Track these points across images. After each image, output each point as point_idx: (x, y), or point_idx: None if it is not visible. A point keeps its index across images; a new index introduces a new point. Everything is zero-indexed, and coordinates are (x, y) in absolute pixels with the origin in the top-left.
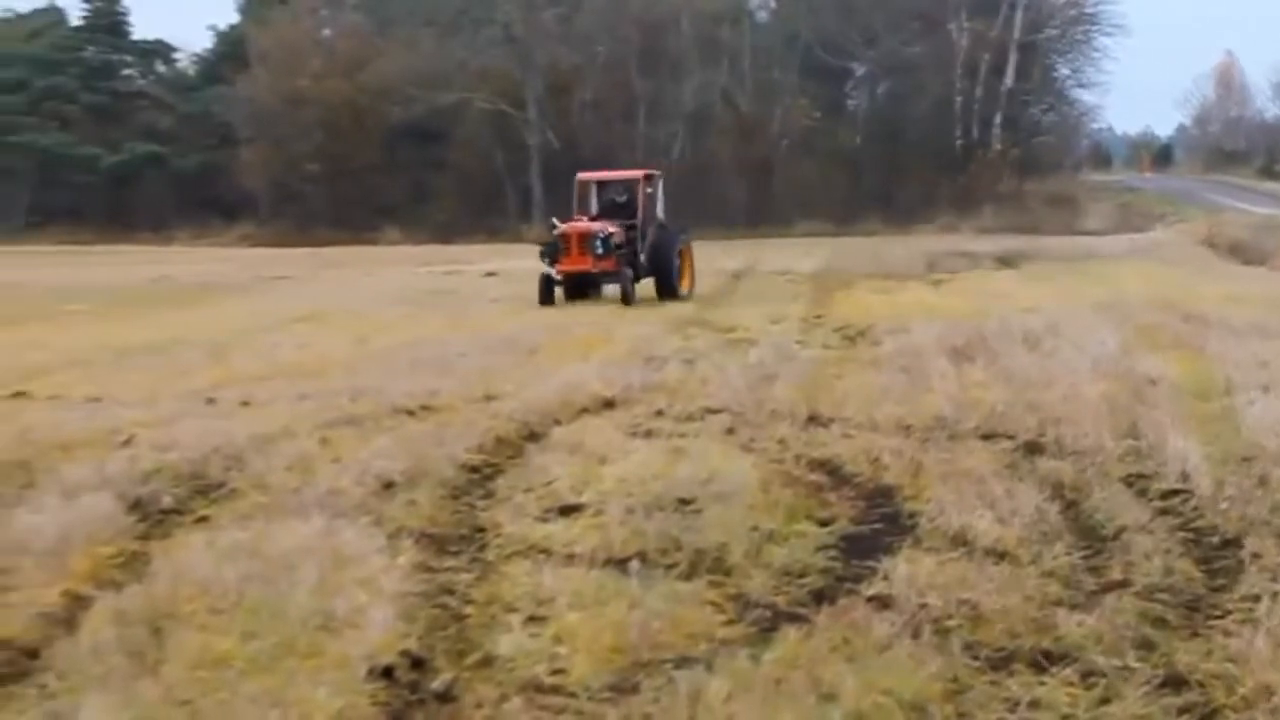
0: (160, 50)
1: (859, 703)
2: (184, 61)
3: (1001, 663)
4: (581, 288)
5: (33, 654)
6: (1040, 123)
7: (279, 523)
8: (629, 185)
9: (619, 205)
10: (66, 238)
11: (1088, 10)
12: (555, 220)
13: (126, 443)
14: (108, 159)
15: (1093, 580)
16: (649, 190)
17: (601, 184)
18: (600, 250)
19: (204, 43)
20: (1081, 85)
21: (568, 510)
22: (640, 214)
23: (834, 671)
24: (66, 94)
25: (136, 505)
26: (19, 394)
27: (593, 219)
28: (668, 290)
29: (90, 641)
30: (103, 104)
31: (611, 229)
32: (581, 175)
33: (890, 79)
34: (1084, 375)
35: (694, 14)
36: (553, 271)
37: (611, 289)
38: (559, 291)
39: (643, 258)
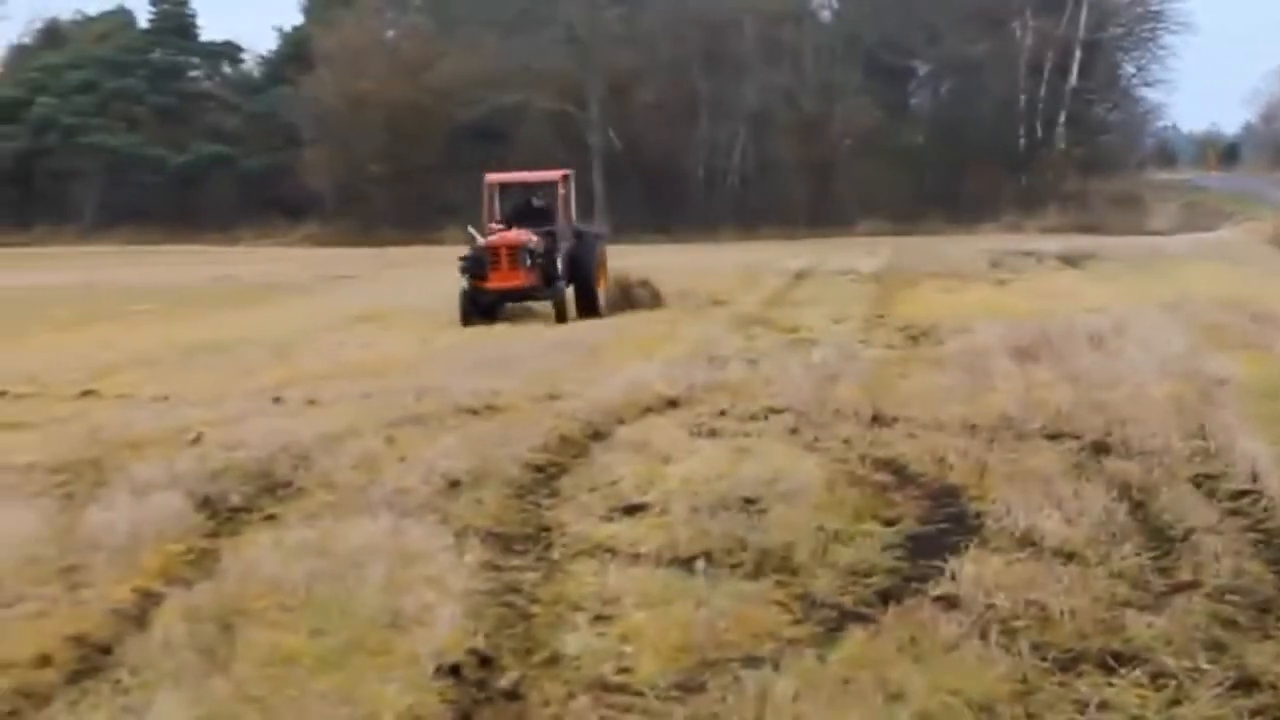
0: (227, 51)
1: (926, 703)
2: (250, 63)
3: (1070, 664)
4: (490, 308)
5: (106, 650)
6: (1105, 121)
7: (346, 521)
8: (546, 188)
9: (533, 210)
10: (133, 237)
11: (1153, 8)
12: (474, 230)
13: (195, 441)
14: (174, 159)
15: (1162, 581)
16: (563, 192)
17: (508, 186)
18: (528, 263)
19: (269, 44)
20: (1147, 83)
21: (633, 509)
22: (559, 219)
23: (901, 671)
24: (135, 95)
25: (205, 503)
26: (88, 393)
27: (508, 226)
28: (588, 306)
29: (162, 638)
30: (170, 105)
31: (534, 238)
32: (491, 177)
33: (953, 78)
34: (1151, 375)
35: (756, 14)
36: (468, 286)
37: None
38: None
39: (559, 268)
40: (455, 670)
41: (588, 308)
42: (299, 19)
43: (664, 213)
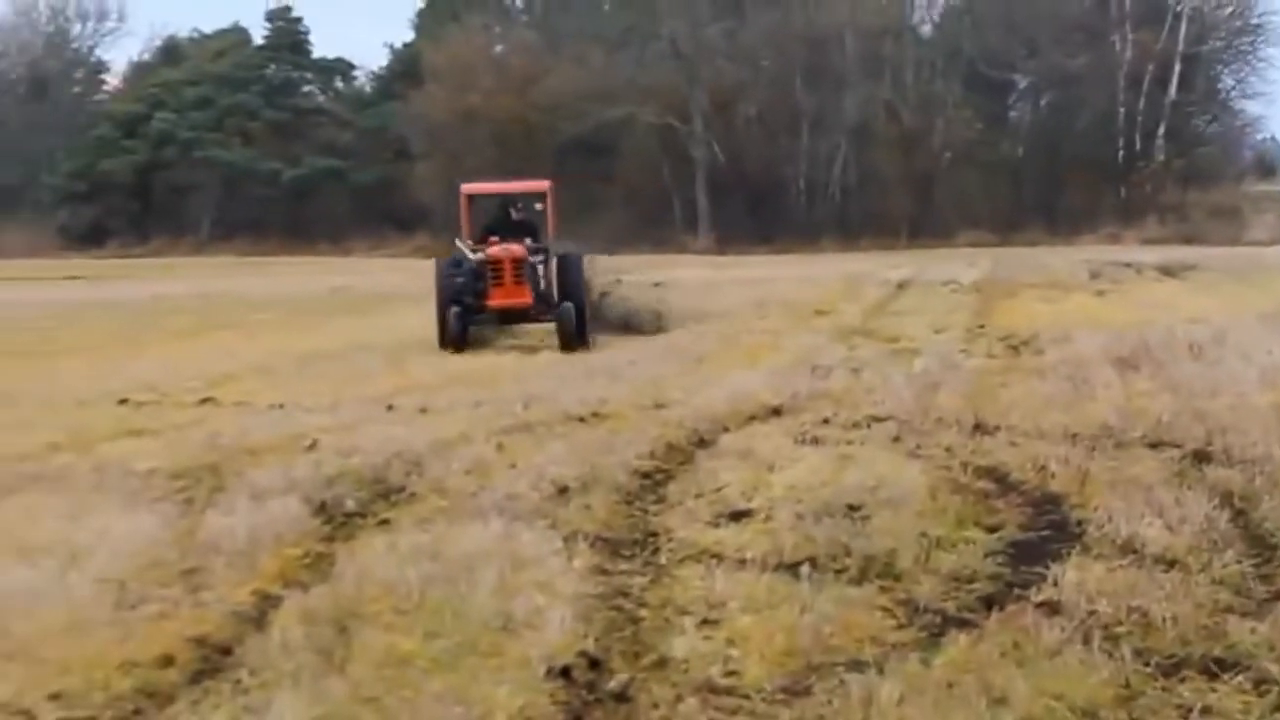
0: (339, 68)
1: (1030, 707)
2: (361, 78)
3: (1172, 669)
4: (465, 333)
5: (226, 651)
6: (1203, 133)
7: (458, 526)
8: (528, 200)
9: (512, 224)
10: (249, 249)
11: (1253, 21)
12: (464, 243)
13: (311, 448)
14: (288, 173)
15: (1263, 588)
16: (547, 205)
17: (485, 197)
18: (530, 279)
19: (380, 60)
20: (1246, 95)
21: (738, 515)
22: (549, 234)
23: (1004, 676)
24: (250, 111)
25: (321, 508)
26: (207, 400)
27: (497, 240)
28: (578, 333)
29: (280, 639)
30: (284, 120)
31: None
32: (468, 187)
33: (1053, 91)
34: (1251, 385)
35: (857, 28)
36: (460, 305)
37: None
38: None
39: (544, 286)
40: (566, 672)
41: (578, 337)
42: (409, 35)
43: (766, 224)
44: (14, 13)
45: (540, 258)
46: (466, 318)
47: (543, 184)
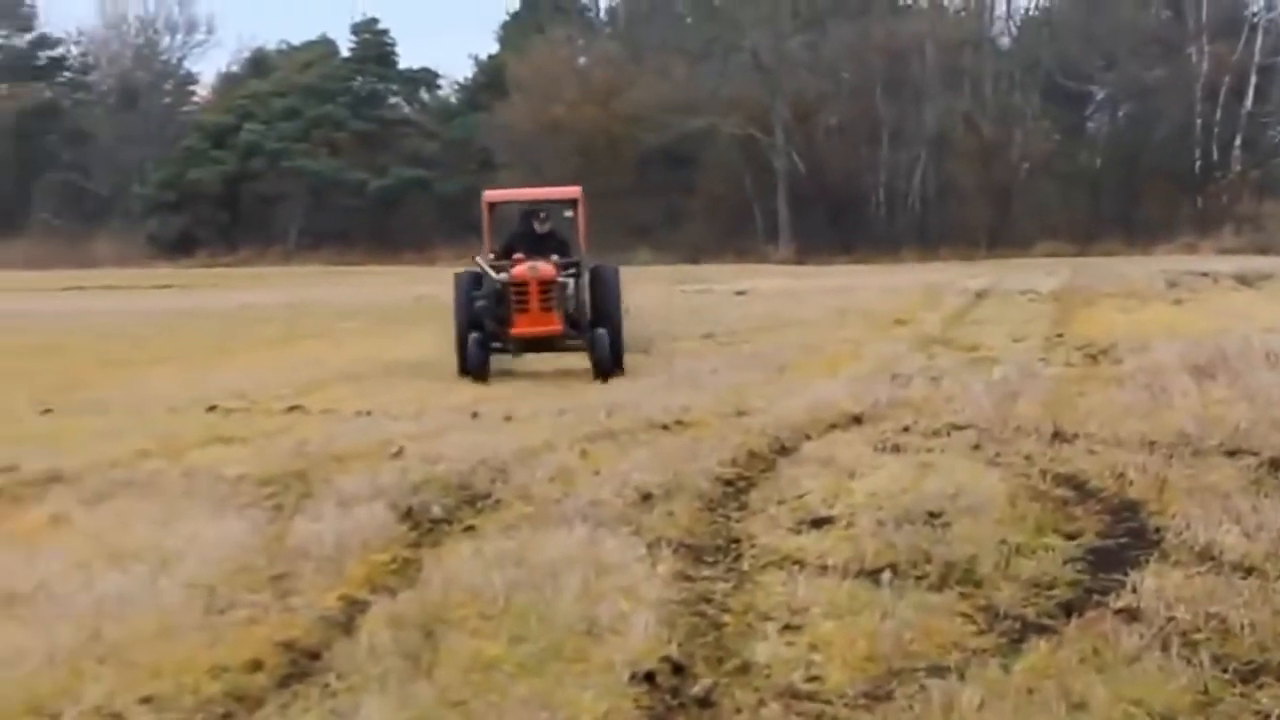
0: (424, 79)
1: (1109, 712)
2: (446, 89)
3: (1251, 675)
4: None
5: (314, 655)
6: (1279, 144)
7: (543, 532)
8: (560, 208)
9: (537, 237)
10: (335, 258)
11: None
12: (484, 260)
13: (397, 455)
14: (374, 183)
15: None
16: (578, 215)
17: (507, 205)
18: (559, 303)
19: (465, 71)
20: None
21: (819, 522)
22: (581, 247)
23: (1084, 682)
24: (336, 122)
25: (408, 514)
26: (295, 408)
27: (522, 258)
28: (613, 360)
29: (368, 644)
30: (370, 131)
31: (557, 270)
32: (491, 194)
33: (1130, 102)
34: None
35: (937, 40)
36: (481, 331)
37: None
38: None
39: (574, 308)
40: (650, 677)
41: (613, 362)
42: (494, 47)
43: (846, 234)
44: (104, 25)
45: (571, 274)
46: (486, 344)
47: (572, 190)
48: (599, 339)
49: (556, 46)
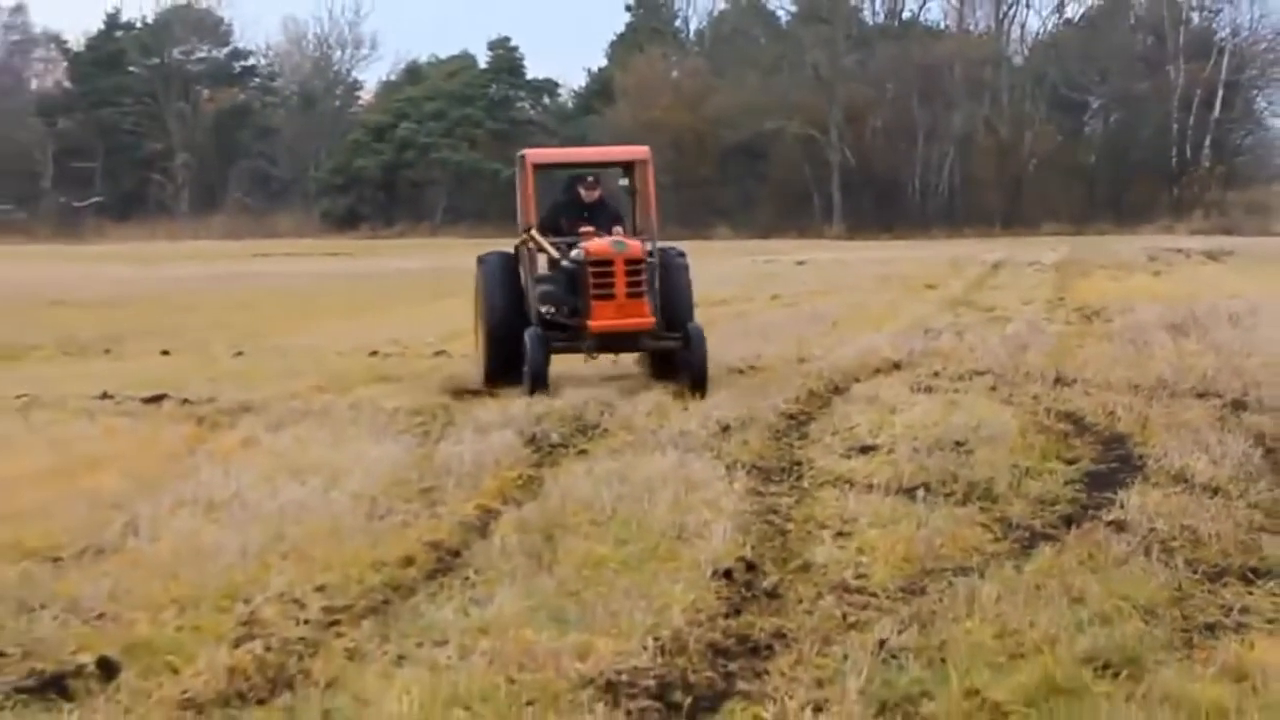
0: (547, 87)
1: (1102, 605)
2: (564, 96)
3: (1216, 576)
4: (508, 363)
5: (456, 554)
6: (1241, 145)
7: (642, 455)
8: (617, 174)
9: (584, 207)
10: (472, 233)
11: None
12: (535, 232)
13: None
14: (505, 172)
15: None
16: (623, 182)
17: (554, 169)
18: (650, 288)
19: (580, 81)
20: (1276, 114)
21: (866, 449)
22: (652, 223)
23: (1081, 580)
24: (474, 122)
25: (532, 440)
26: (440, 353)
27: (591, 231)
28: (698, 368)
29: (499, 545)
30: (502, 130)
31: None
32: (535, 154)
33: (1119, 110)
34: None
35: (963, 59)
36: (541, 323)
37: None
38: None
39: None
40: (728, 574)
41: (699, 374)
42: (604, 62)
43: (887, 216)
44: (288, 41)
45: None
46: (551, 341)
47: (638, 150)
48: (696, 335)
49: (654, 61)
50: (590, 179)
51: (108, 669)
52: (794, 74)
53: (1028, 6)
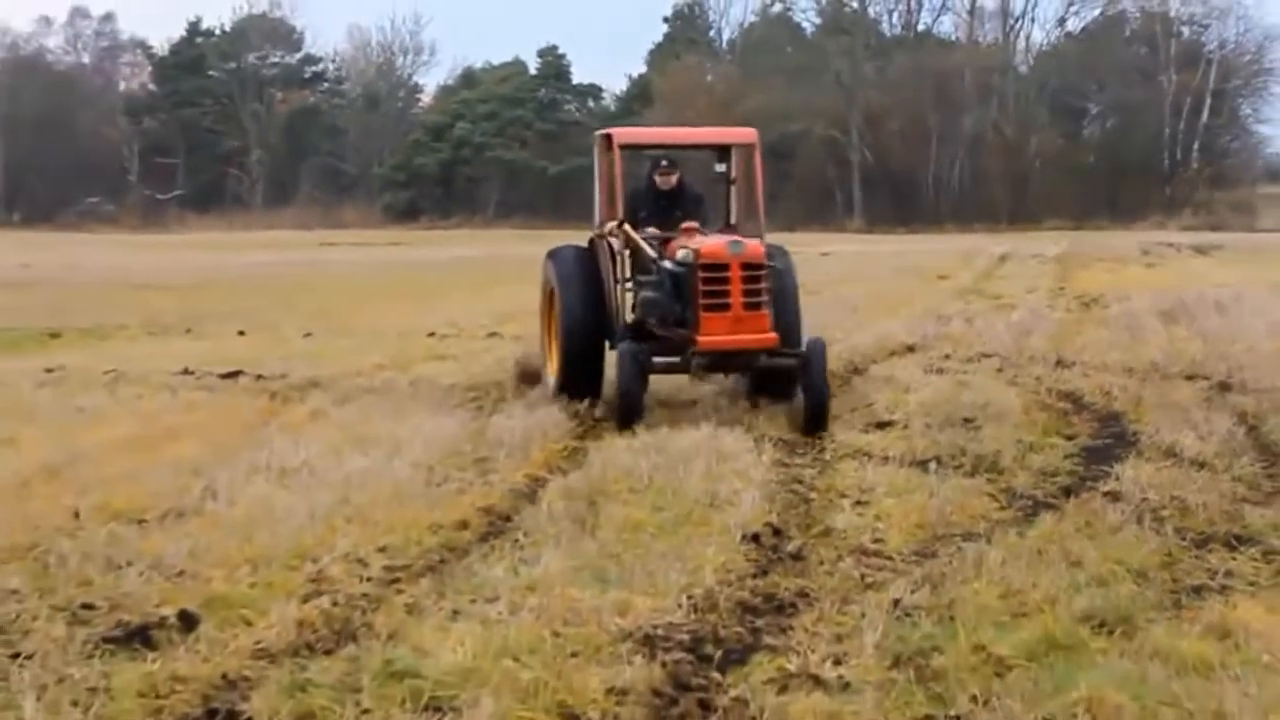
0: (591, 91)
1: (1098, 569)
2: (607, 99)
3: (1203, 542)
4: (587, 376)
5: (506, 518)
6: (1227, 148)
7: (678, 429)
8: (713, 159)
9: (659, 196)
10: (522, 225)
11: (1266, 65)
12: (632, 232)
13: None
14: (552, 169)
15: (1270, 484)
16: (720, 169)
17: (631, 151)
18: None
19: (621, 85)
20: (1259, 121)
21: (883, 425)
22: (759, 219)
23: (1079, 546)
24: (525, 123)
25: (576, 414)
26: (493, 334)
27: (693, 228)
28: (817, 394)
29: (546, 510)
30: (550, 130)
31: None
32: (624, 133)
33: (1116, 115)
34: (1262, 334)
35: (973, 67)
36: (638, 338)
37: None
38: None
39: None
40: (756, 538)
41: (818, 411)
42: (643, 68)
43: (904, 211)
44: (354, 48)
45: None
46: (646, 362)
47: (743, 132)
48: (818, 354)
49: (690, 68)
50: (665, 163)
51: (188, 621)
52: (818, 80)
53: (1032, 20)
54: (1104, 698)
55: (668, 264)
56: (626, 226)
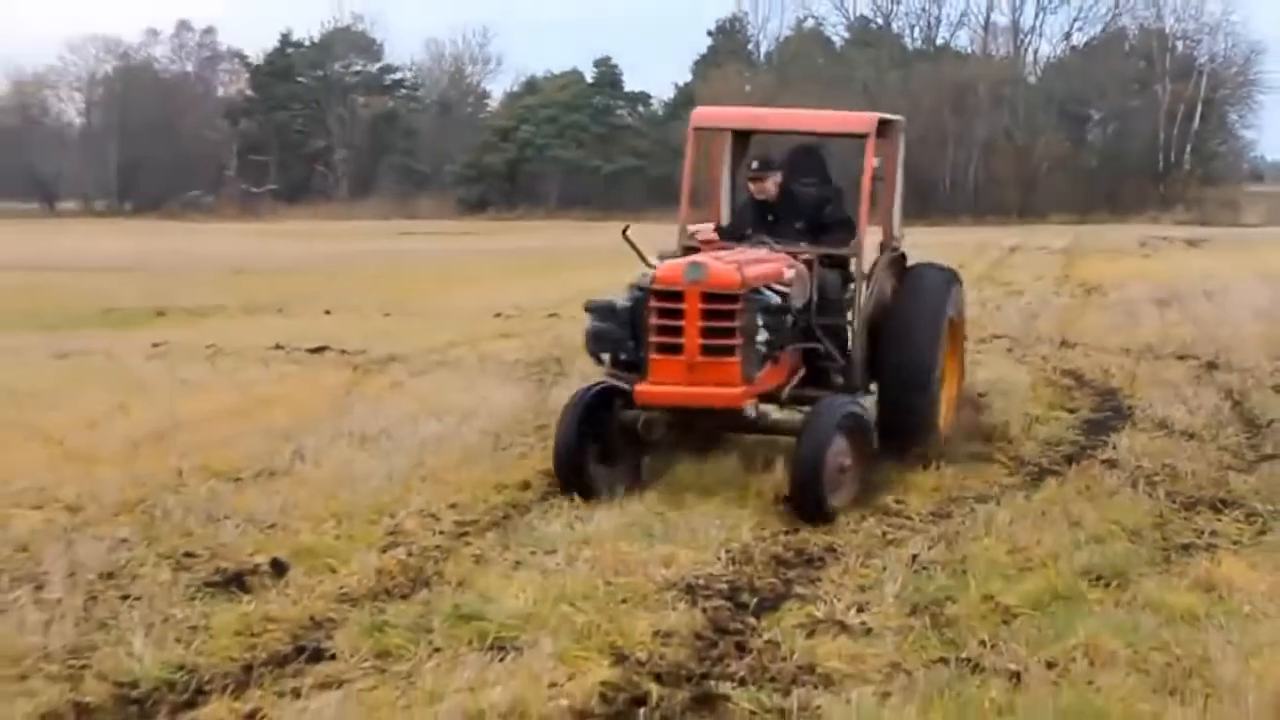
0: (641, 98)
1: (1096, 528)
2: (655, 105)
3: (1191, 505)
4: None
5: None
6: (1216, 151)
7: None
8: (809, 156)
9: (762, 209)
10: (580, 217)
11: (1250, 77)
12: (639, 250)
13: None
14: (606, 167)
15: (1253, 453)
16: (880, 164)
17: (718, 138)
18: (764, 340)
19: (668, 93)
20: (1245, 126)
21: None
22: (894, 222)
23: (1079, 508)
24: (581, 126)
25: None
26: (553, 315)
27: (729, 237)
28: (802, 481)
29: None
30: (603, 133)
31: (778, 270)
32: (704, 114)
33: (1116, 121)
34: (1247, 318)
35: (987, 78)
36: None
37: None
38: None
39: (852, 346)
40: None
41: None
42: (688, 77)
43: (923, 207)
44: (429, 58)
45: (800, 280)
46: (600, 414)
47: (861, 119)
48: (821, 416)
49: (730, 77)
50: (755, 164)
51: (279, 568)
52: (846, 89)
53: (1040, 35)
54: (1100, 643)
55: (623, 296)
56: (628, 233)
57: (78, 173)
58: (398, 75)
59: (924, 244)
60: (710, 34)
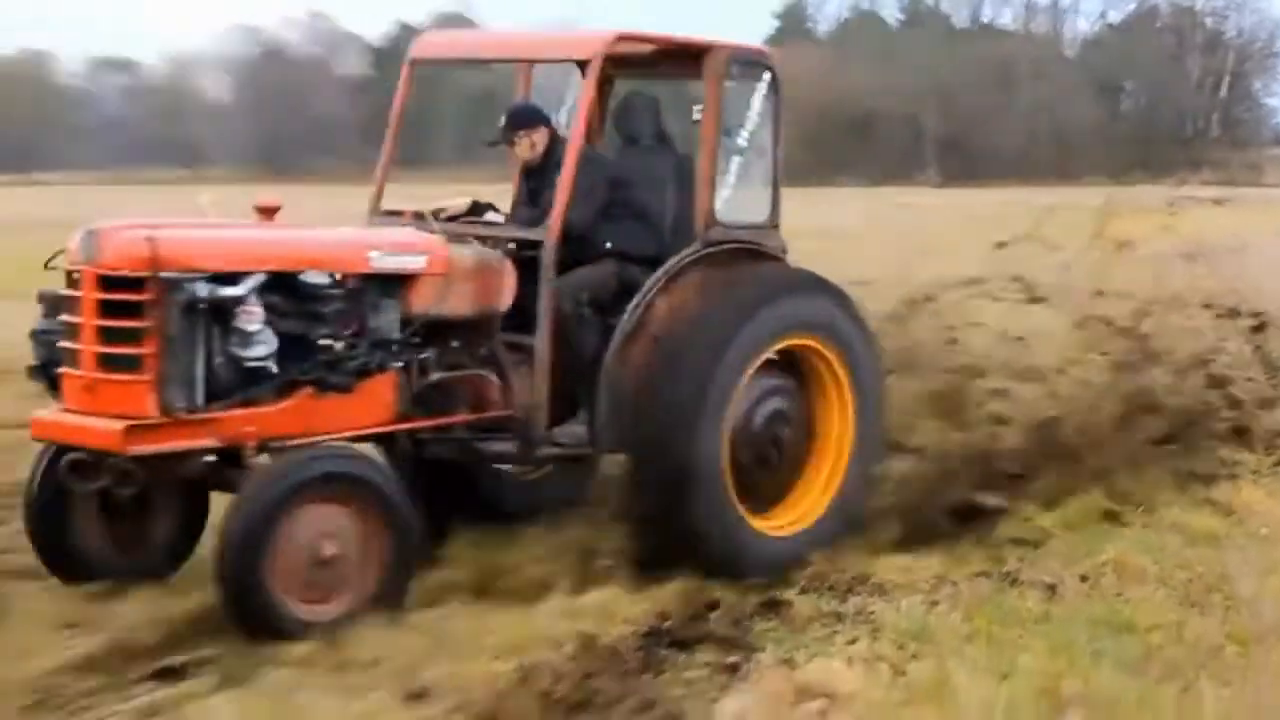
0: None
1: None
2: None
3: (1214, 437)
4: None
5: None
6: (1241, 119)
7: None
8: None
9: (527, 174)
10: None
11: (1275, 50)
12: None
13: None
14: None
15: (1272, 392)
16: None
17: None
18: (255, 355)
19: None
20: (1268, 95)
21: (950, 342)
22: (564, 179)
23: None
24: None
25: None
26: None
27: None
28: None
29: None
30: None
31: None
32: (432, 42)
33: (1149, 93)
34: (1269, 270)
35: (1028, 55)
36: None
37: None
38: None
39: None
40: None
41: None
42: None
43: (970, 171)
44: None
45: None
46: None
47: (590, 38)
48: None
49: (788, 53)
50: (504, 118)
51: None
52: (899, 64)
53: (1078, 13)
54: (1129, 560)
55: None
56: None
57: (225, 143)
58: None
59: (967, 204)
60: (776, 16)
